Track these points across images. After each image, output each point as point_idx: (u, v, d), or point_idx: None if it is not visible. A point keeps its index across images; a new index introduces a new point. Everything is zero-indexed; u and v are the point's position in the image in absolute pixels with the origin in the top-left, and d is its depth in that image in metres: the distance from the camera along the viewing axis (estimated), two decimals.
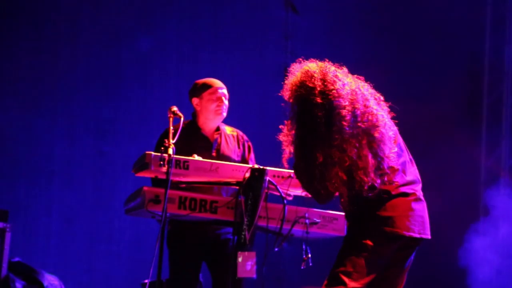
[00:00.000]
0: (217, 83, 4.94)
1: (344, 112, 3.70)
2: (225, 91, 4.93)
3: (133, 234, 7.34)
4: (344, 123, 3.68)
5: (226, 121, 5.11)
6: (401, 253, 3.92)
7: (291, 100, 3.82)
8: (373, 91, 3.90)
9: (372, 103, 3.84)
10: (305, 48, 7.68)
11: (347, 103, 3.74)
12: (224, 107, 4.89)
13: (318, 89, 3.72)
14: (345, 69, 3.86)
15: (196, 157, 4.42)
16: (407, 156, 4.00)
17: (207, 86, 4.90)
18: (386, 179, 3.79)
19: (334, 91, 3.72)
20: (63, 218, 7.27)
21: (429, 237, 3.94)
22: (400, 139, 4.01)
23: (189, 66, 7.53)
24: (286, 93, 3.84)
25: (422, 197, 3.96)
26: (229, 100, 4.99)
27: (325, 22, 7.87)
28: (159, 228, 4.12)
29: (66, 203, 7.26)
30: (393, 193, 3.83)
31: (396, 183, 3.84)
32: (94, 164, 7.35)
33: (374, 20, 7.86)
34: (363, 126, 3.73)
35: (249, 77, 7.75)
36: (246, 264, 4.16)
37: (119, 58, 7.47)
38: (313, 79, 3.74)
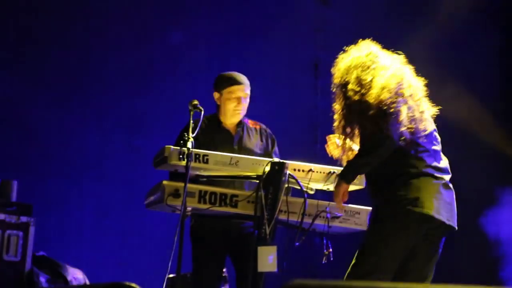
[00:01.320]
0: (239, 81, 4.76)
1: (392, 79, 3.87)
2: (246, 89, 4.77)
3: (166, 228, 7.33)
4: (386, 87, 3.84)
5: (255, 114, 5.06)
6: (428, 242, 3.87)
7: (342, 75, 3.99)
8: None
9: (417, 85, 3.97)
10: (335, 41, 7.59)
11: (395, 74, 3.92)
12: (242, 108, 4.76)
13: (371, 61, 3.95)
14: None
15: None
16: (440, 148, 3.97)
17: (228, 84, 4.76)
18: (416, 140, 3.85)
19: (382, 64, 3.93)
20: (96, 212, 7.31)
21: (456, 228, 3.88)
22: (436, 133, 4.00)
23: (219, 59, 7.49)
24: (338, 69, 4.04)
25: (451, 186, 3.91)
26: (260, 94, 4.90)
27: (355, 14, 7.77)
28: (179, 222, 4.12)
29: (98, 197, 7.30)
30: (421, 169, 3.82)
31: (425, 161, 3.84)
32: (126, 158, 7.38)
33: (405, 11, 7.74)
34: (403, 95, 3.86)
35: (279, 71, 7.70)
36: (267, 258, 4.12)
37: (150, 52, 7.48)
38: (370, 55, 3.98)
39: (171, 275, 5.42)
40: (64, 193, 7.11)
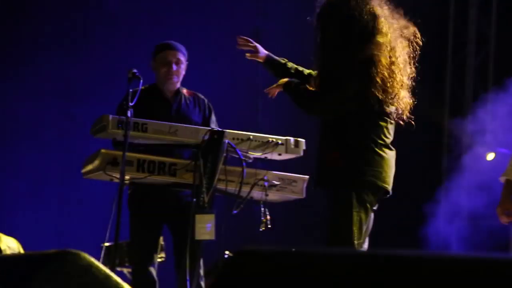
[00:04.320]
0: (170, 46, 4.82)
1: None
2: (179, 55, 4.79)
3: (104, 196, 7.26)
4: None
5: (197, 83, 5.04)
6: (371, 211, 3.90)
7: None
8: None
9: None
10: (276, 9, 7.59)
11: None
12: (173, 73, 4.76)
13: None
14: None
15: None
16: None
17: (159, 50, 4.82)
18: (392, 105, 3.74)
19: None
20: (32, 180, 7.20)
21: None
22: None
23: (159, 27, 7.41)
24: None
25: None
26: (201, 63, 4.89)
27: None
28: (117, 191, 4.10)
29: (34, 166, 7.19)
30: (387, 141, 3.75)
31: (390, 133, 3.78)
32: (62, 126, 7.27)
33: None
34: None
35: (221, 39, 7.65)
36: (205, 226, 4.13)
37: (87, 17, 7.36)
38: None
39: (107, 244, 5.40)
40: None
